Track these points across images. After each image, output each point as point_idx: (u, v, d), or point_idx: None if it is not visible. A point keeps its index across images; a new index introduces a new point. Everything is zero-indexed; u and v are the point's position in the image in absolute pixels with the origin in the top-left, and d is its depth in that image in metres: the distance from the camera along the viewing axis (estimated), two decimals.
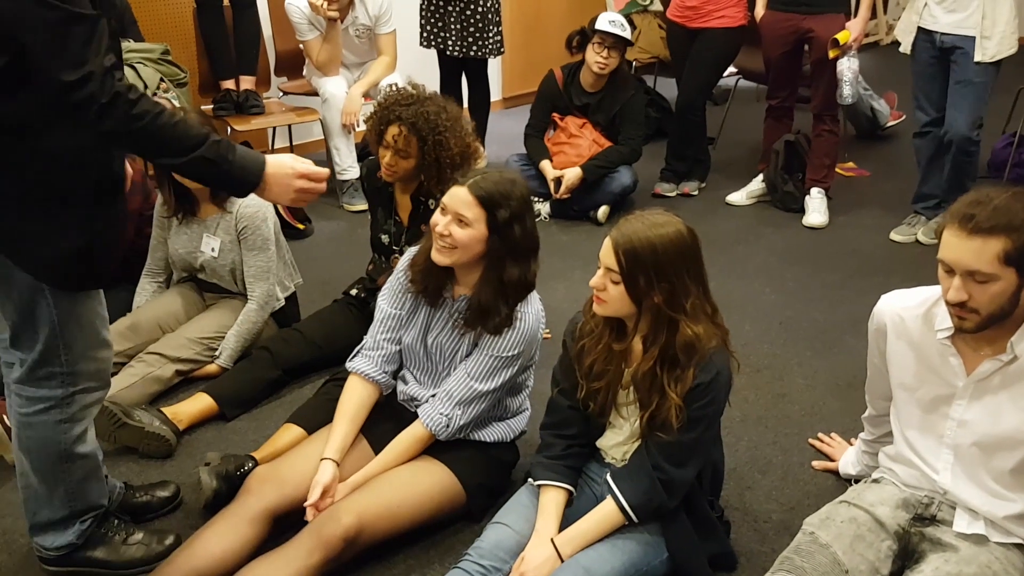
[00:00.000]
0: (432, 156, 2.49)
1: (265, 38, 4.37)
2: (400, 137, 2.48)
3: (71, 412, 1.84)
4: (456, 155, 2.49)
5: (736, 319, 3.12)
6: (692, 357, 1.76)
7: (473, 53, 4.32)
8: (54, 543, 1.96)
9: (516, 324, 2.02)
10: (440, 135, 2.46)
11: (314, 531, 1.90)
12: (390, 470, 2.08)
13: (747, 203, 4.32)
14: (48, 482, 1.89)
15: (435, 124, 2.46)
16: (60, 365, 1.79)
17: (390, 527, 1.99)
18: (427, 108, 2.48)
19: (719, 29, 4.02)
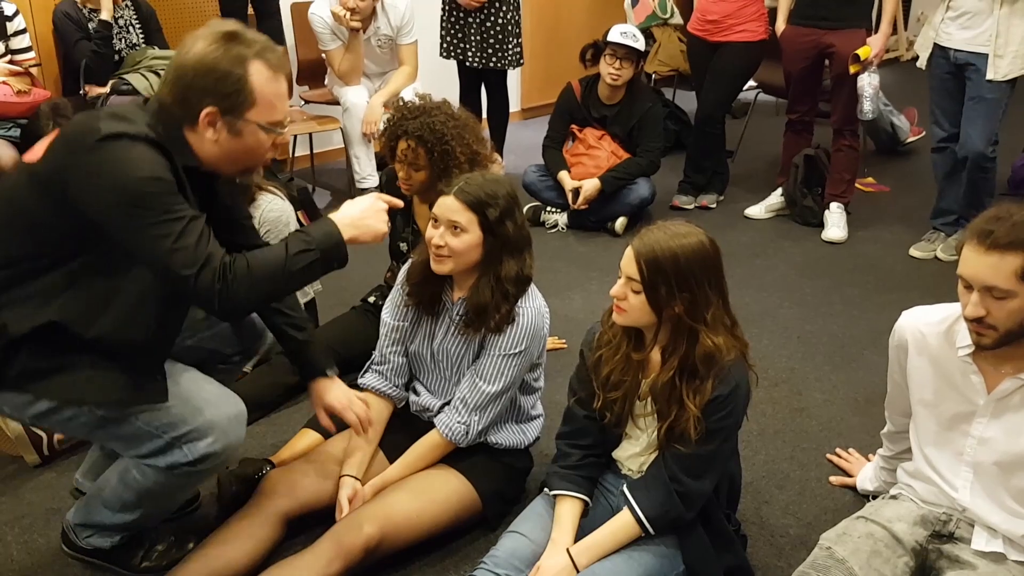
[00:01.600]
0: (441, 165, 2.50)
1: (288, 47, 4.42)
2: (409, 151, 2.51)
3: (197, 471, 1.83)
4: (464, 163, 2.49)
5: (754, 333, 3.11)
6: (711, 368, 1.76)
7: (493, 64, 4.35)
8: (88, 539, 1.98)
9: (518, 320, 2.04)
10: (447, 144, 2.47)
11: (335, 539, 1.90)
12: (408, 478, 2.09)
13: (766, 217, 4.32)
14: (127, 507, 1.89)
15: (441, 134, 2.47)
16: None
17: (410, 536, 2.00)
18: (433, 119, 2.49)
19: (740, 43, 4.03)
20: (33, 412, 1.72)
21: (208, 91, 1.63)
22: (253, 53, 1.65)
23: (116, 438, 1.78)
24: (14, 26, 3.47)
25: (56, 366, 1.68)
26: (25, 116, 3.28)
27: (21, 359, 1.66)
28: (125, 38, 3.69)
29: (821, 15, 3.84)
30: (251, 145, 1.71)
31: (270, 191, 2.79)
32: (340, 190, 4.63)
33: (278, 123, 1.72)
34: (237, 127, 1.67)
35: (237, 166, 1.76)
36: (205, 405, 1.79)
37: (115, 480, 1.88)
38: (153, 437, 1.75)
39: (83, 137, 1.56)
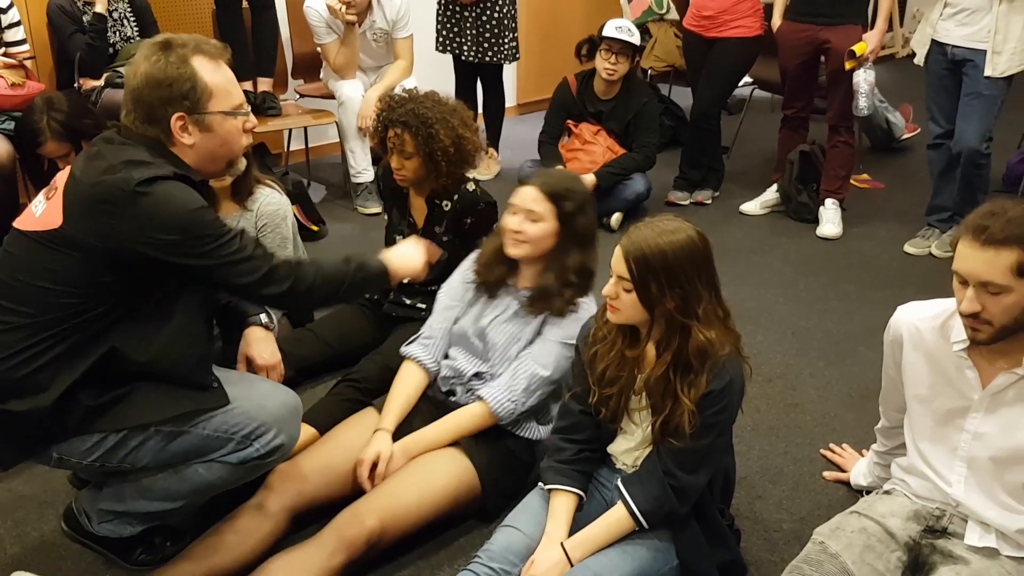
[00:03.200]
0: (426, 150, 2.51)
1: (283, 40, 4.40)
2: (396, 138, 2.53)
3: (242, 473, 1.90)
4: (449, 146, 2.51)
5: (749, 328, 3.12)
6: (705, 362, 1.76)
7: (488, 59, 4.35)
8: (104, 525, 1.98)
9: (579, 312, 2.13)
10: (431, 127, 2.49)
11: (337, 532, 1.91)
12: (408, 466, 2.10)
13: (761, 213, 4.32)
14: (173, 497, 1.90)
15: (425, 118, 2.50)
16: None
17: (411, 526, 2.02)
18: (418, 105, 2.52)
19: (735, 39, 4.03)
20: (102, 451, 1.76)
21: (168, 100, 1.71)
22: (191, 50, 1.75)
23: (190, 451, 1.82)
24: (8, 18, 3.45)
25: (115, 398, 1.74)
26: (19, 109, 3.26)
27: (80, 403, 1.71)
28: (120, 31, 3.68)
29: (817, 11, 3.84)
30: (224, 135, 1.79)
31: (267, 185, 2.79)
32: (335, 184, 4.62)
33: (239, 106, 1.80)
34: (206, 122, 1.76)
35: (219, 162, 1.84)
36: (265, 400, 1.89)
37: (168, 471, 1.86)
38: (225, 441, 1.83)
39: (120, 193, 1.63)
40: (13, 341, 1.68)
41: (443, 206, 2.67)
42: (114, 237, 1.64)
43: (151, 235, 1.64)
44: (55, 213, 1.69)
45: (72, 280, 1.67)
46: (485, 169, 4.75)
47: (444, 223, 2.68)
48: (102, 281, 1.68)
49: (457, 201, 2.65)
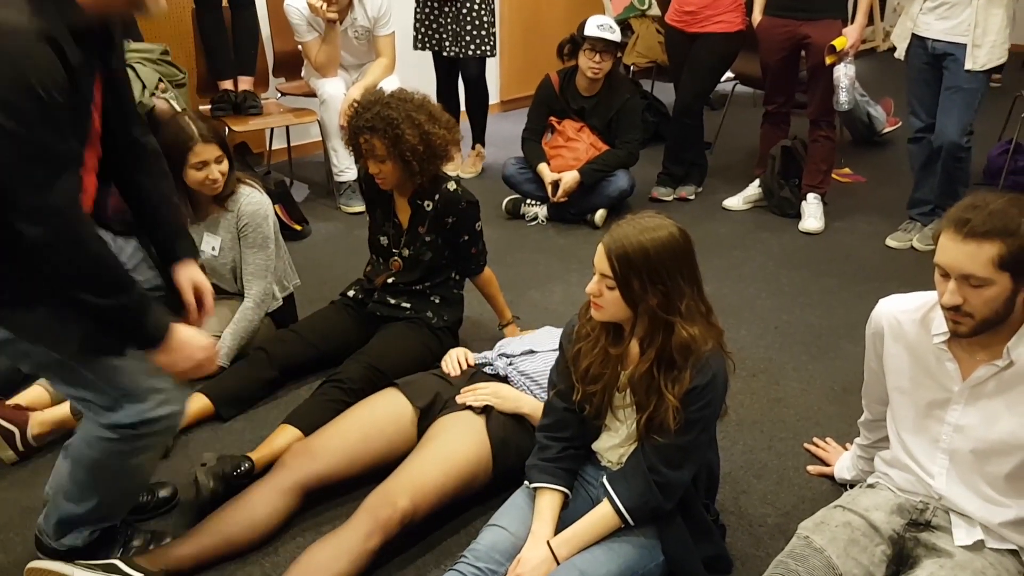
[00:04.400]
0: (396, 152, 2.51)
1: (264, 39, 4.37)
2: (367, 144, 2.53)
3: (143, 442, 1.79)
4: (417, 144, 2.50)
5: (732, 323, 3.13)
6: (688, 358, 1.77)
7: (471, 53, 4.34)
8: (62, 540, 1.95)
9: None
10: (397, 128, 2.49)
11: (371, 514, 1.94)
12: (430, 443, 2.13)
13: (744, 208, 4.33)
14: (86, 489, 1.87)
15: (390, 119, 2.49)
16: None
17: (440, 502, 2.05)
18: (383, 107, 2.51)
19: (717, 34, 4.04)
20: None
21: None
22: None
23: (65, 381, 1.73)
24: None
25: (26, 300, 1.61)
26: None
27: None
28: None
29: (797, 6, 3.86)
30: None
31: (248, 184, 2.77)
32: (318, 183, 4.60)
33: None
34: None
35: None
36: (154, 371, 1.74)
37: (68, 465, 1.86)
38: (100, 390, 1.71)
39: None
40: None
41: (425, 206, 2.66)
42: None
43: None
44: None
45: None
46: (470, 166, 4.75)
47: (427, 223, 2.67)
48: None
49: (439, 201, 2.64)
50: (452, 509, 2.14)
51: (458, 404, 2.23)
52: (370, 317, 2.79)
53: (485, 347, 2.62)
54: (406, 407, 2.25)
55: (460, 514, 2.19)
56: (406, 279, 2.74)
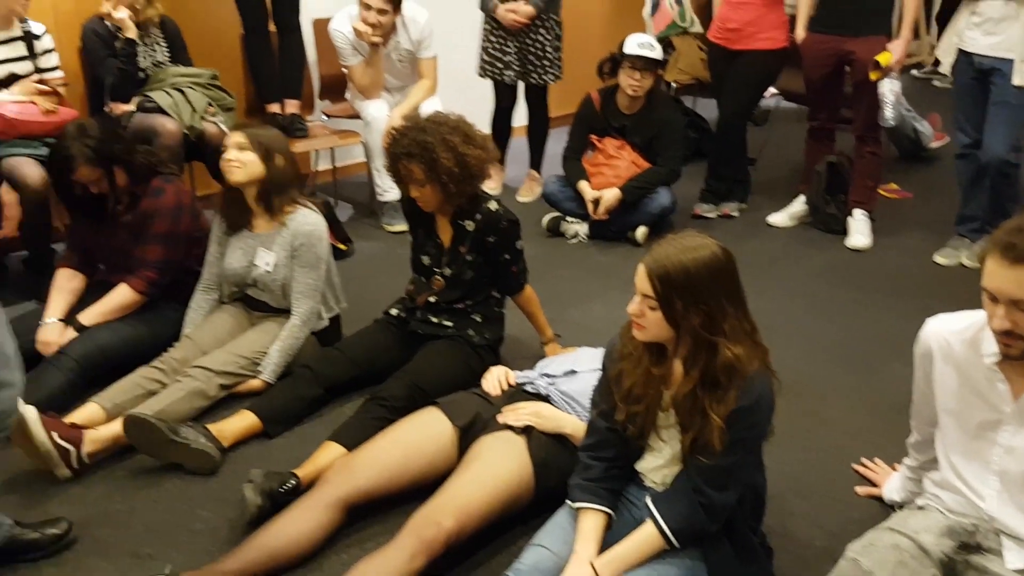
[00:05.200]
0: (432, 175, 2.55)
1: (309, 63, 4.46)
2: (406, 169, 2.58)
3: None
4: (453, 166, 2.54)
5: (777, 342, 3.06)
6: (733, 379, 1.75)
7: (534, 80, 4.39)
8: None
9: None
10: (432, 153, 2.52)
11: (415, 535, 1.95)
12: (472, 462, 2.14)
13: (789, 224, 4.30)
14: None
15: (426, 144, 2.53)
16: None
17: (484, 522, 2.06)
18: (418, 134, 2.55)
19: (760, 51, 4.03)
20: None
21: None
22: None
23: None
24: (42, 45, 3.53)
25: None
26: (52, 135, 3.33)
27: None
28: (150, 56, 3.74)
29: (841, 22, 3.83)
30: None
31: (305, 206, 2.82)
32: (361, 203, 4.66)
33: None
34: None
35: None
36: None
37: None
38: None
39: None
40: None
41: (467, 226, 2.68)
42: None
43: None
44: None
45: None
46: (527, 192, 4.75)
47: (468, 242, 2.70)
48: None
49: (480, 220, 2.67)
50: (494, 529, 2.14)
51: (499, 424, 2.24)
52: (412, 335, 2.82)
53: (526, 365, 2.63)
54: (447, 426, 2.27)
55: (502, 534, 2.19)
56: (448, 298, 2.77)
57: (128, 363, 2.73)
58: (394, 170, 2.64)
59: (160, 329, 2.87)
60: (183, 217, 2.91)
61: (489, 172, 2.69)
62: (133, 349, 2.79)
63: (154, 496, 2.35)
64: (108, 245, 2.92)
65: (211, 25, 4.26)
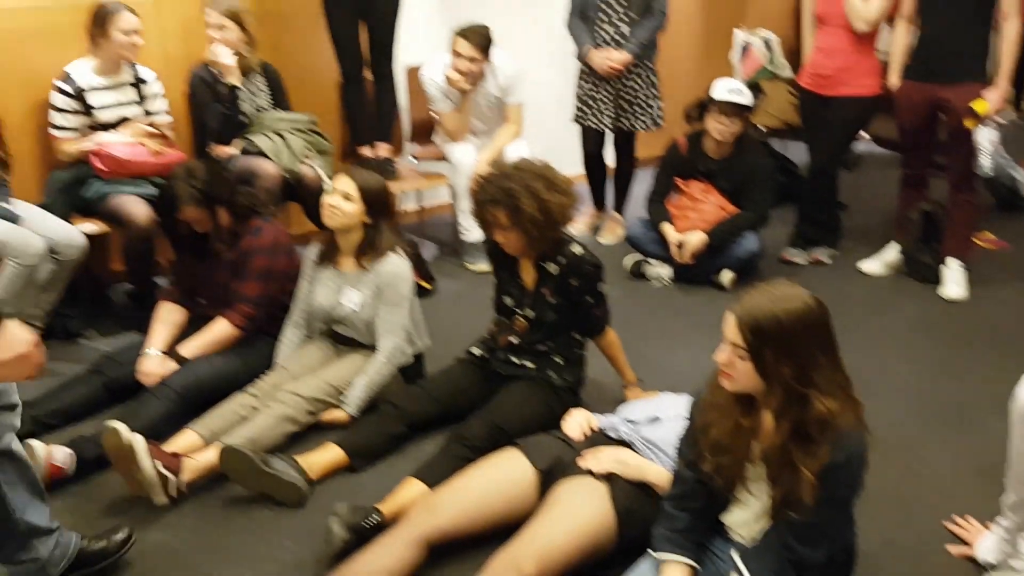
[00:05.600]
0: (516, 222, 2.59)
1: (400, 108, 4.59)
2: (491, 215, 2.63)
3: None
4: (536, 213, 2.57)
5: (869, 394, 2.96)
6: (825, 433, 1.72)
7: (625, 126, 4.43)
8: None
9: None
10: (516, 200, 2.56)
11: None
12: (553, 506, 2.13)
13: (881, 272, 4.19)
14: None
15: (510, 191, 2.58)
16: None
17: (563, 570, 2.04)
18: (503, 180, 2.61)
19: (852, 98, 3.98)
20: None
21: None
22: None
23: None
24: (151, 90, 3.74)
25: None
26: (160, 175, 3.51)
27: None
28: (253, 101, 3.91)
29: (935, 70, 3.75)
30: None
31: (395, 251, 2.91)
32: (446, 242, 4.75)
33: None
34: None
35: None
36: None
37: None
38: None
39: None
40: None
41: (550, 269, 2.72)
42: None
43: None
44: None
45: None
46: (609, 234, 4.78)
47: (552, 284, 2.73)
48: None
49: (564, 263, 2.70)
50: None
51: (580, 468, 2.23)
52: (494, 375, 2.85)
53: (607, 408, 2.63)
54: (528, 468, 2.28)
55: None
56: (529, 339, 2.79)
57: (223, 394, 2.84)
58: (480, 215, 2.70)
59: (254, 362, 2.98)
60: (279, 255, 3.03)
61: (573, 217, 2.72)
62: (229, 381, 2.90)
63: (244, 525, 2.43)
64: (209, 280, 3.06)
65: (310, 72, 4.44)
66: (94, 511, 2.47)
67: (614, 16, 4.29)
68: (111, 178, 3.53)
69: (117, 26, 3.48)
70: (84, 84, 3.54)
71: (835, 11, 3.93)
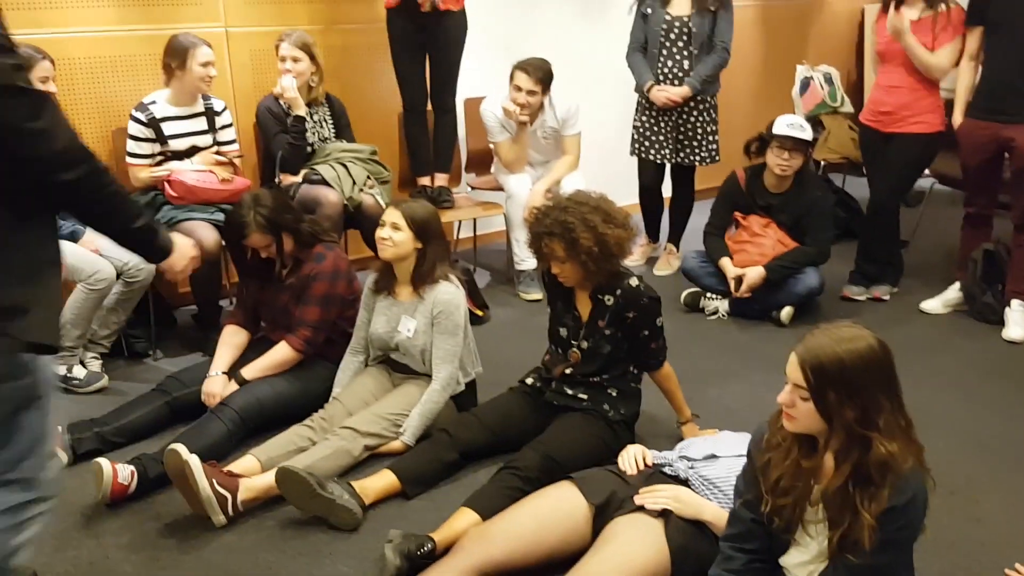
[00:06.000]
0: (573, 254, 2.60)
1: (459, 138, 4.67)
2: (547, 248, 2.65)
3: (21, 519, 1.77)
4: (592, 246, 2.58)
5: (929, 435, 2.90)
6: (887, 476, 1.69)
7: (681, 160, 4.46)
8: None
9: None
10: (573, 232, 2.58)
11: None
12: (606, 543, 2.13)
13: (942, 312, 4.11)
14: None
15: (567, 224, 2.59)
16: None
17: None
18: (560, 213, 2.62)
19: (914, 135, 3.93)
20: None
21: None
22: None
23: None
24: (222, 120, 3.86)
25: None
26: (228, 202, 3.61)
27: None
28: (318, 132, 4.01)
29: (1000, 109, 3.70)
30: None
31: (449, 280, 2.96)
32: (499, 270, 4.79)
33: None
34: None
35: None
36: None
37: None
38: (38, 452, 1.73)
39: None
40: None
41: (606, 301, 2.73)
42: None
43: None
44: None
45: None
46: (665, 265, 4.78)
47: (607, 316, 2.73)
48: None
49: (620, 296, 2.70)
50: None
51: (635, 505, 2.22)
52: (547, 406, 2.86)
53: (662, 444, 2.61)
54: (581, 503, 2.27)
55: None
56: (584, 370, 2.80)
57: (282, 416, 2.91)
58: (536, 247, 2.72)
59: (312, 386, 3.04)
60: (340, 281, 3.09)
61: (630, 250, 2.73)
62: (287, 403, 2.96)
63: (300, 548, 2.46)
64: (272, 305, 3.13)
65: (372, 103, 4.54)
66: (154, 529, 2.53)
67: (675, 51, 4.32)
68: (181, 204, 3.64)
69: (195, 59, 3.60)
70: (160, 114, 3.67)
71: (897, 48, 3.90)
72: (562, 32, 5.22)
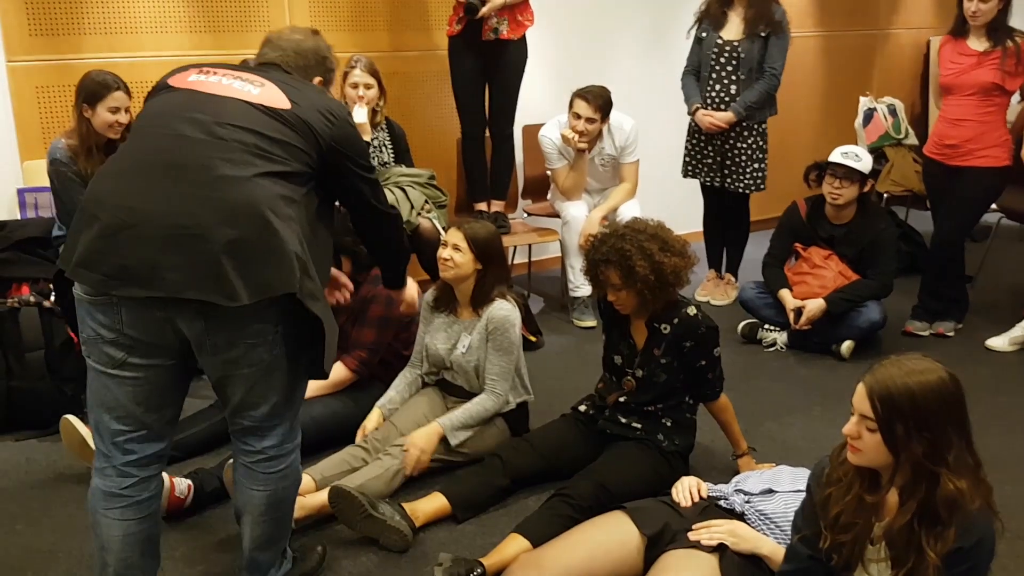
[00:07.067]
0: (629, 282, 2.58)
1: (516, 164, 4.70)
2: (604, 275, 2.64)
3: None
4: (648, 274, 2.56)
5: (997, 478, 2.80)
6: (954, 515, 1.64)
7: (727, 185, 4.42)
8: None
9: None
10: (629, 260, 2.56)
11: None
12: (663, 573, 2.10)
13: (1009, 349, 3.99)
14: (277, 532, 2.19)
15: (623, 252, 2.58)
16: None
17: None
18: (617, 240, 2.62)
19: (981, 168, 3.84)
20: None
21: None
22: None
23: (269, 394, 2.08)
24: None
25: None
26: None
27: None
28: (378, 156, 4.07)
29: None
30: None
31: (506, 299, 2.96)
32: (553, 297, 4.79)
33: None
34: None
35: None
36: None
37: (249, 522, 2.17)
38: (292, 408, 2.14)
39: (340, 109, 2.15)
40: None
41: (662, 329, 2.70)
42: (324, 138, 2.01)
43: (346, 149, 2.07)
44: (278, 99, 1.99)
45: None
46: (721, 295, 4.73)
47: (663, 345, 2.71)
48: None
49: (677, 325, 2.68)
50: None
51: (689, 539, 2.18)
52: (600, 434, 2.83)
53: (717, 477, 2.56)
54: (634, 533, 2.24)
55: None
56: (638, 399, 2.77)
57: (335, 435, 2.93)
58: (592, 274, 2.72)
59: (366, 406, 3.06)
60: (395, 304, 3.10)
61: (687, 279, 2.71)
62: (341, 423, 2.99)
63: (350, 569, 2.46)
64: None
65: (431, 129, 4.60)
66: (209, 543, 2.56)
67: (724, 76, 4.30)
68: None
69: None
70: None
71: (961, 81, 3.83)
72: (622, 60, 5.24)
